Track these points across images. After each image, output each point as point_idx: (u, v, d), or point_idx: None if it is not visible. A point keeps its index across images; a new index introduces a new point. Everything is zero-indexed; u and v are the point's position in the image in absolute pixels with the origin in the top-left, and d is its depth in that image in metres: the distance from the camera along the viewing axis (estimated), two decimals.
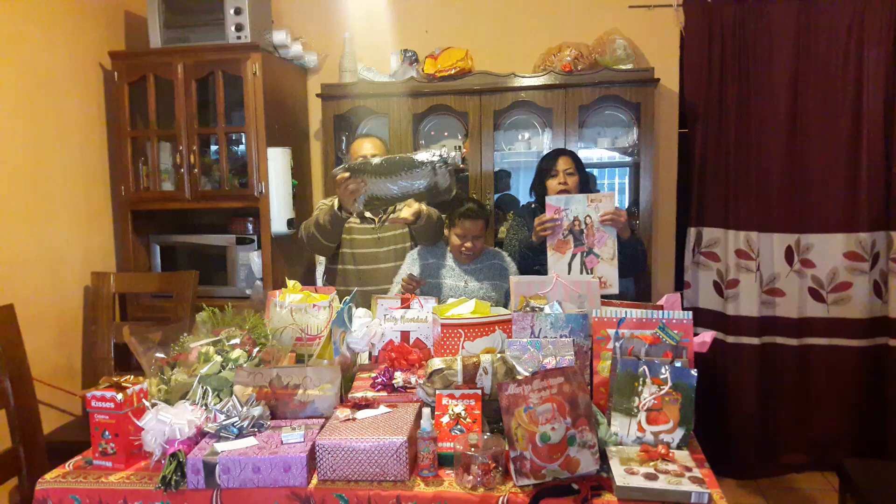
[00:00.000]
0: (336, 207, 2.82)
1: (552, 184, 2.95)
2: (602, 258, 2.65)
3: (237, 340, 2.00)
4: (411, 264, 2.93)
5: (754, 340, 3.55)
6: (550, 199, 2.71)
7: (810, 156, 3.46)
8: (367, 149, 3.03)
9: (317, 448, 1.63)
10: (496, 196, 3.77)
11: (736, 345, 3.58)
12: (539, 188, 3.04)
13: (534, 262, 2.84)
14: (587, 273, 2.65)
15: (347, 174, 2.56)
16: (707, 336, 1.92)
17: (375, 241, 3.02)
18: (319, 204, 3.10)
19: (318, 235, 2.92)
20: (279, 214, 3.52)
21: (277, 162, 3.50)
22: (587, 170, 3.85)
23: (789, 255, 3.53)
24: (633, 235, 2.85)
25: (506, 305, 2.56)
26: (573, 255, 2.68)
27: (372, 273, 3.01)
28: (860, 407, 3.52)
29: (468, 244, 2.80)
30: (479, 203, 2.91)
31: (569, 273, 2.67)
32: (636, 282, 3.42)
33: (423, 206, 2.85)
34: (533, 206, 3.11)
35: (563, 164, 2.96)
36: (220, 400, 1.82)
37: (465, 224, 2.78)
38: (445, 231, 2.92)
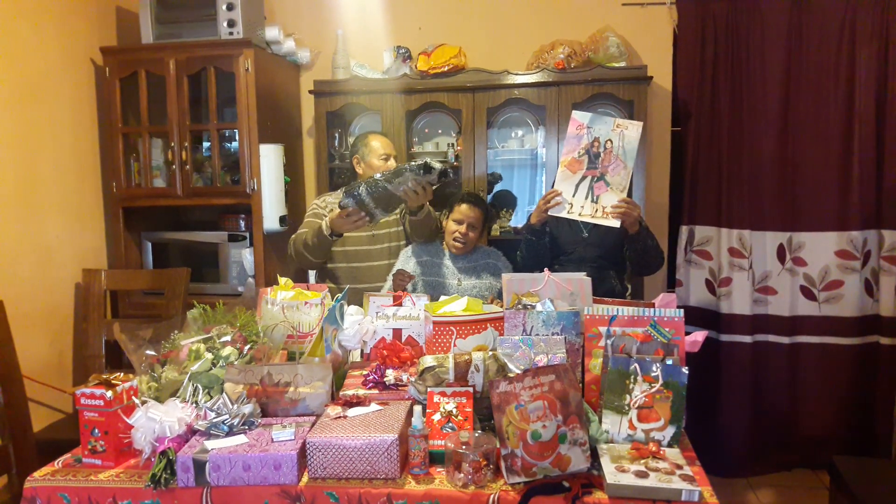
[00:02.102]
0: (326, 230, 2.77)
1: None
2: (611, 187, 2.52)
3: (228, 338, 1.99)
4: (405, 261, 2.93)
5: (746, 339, 3.56)
6: (576, 114, 2.58)
7: (802, 154, 3.47)
8: (387, 146, 3.06)
9: (307, 446, 1.62)
10: (490, 196, 3.77)
11: (728, 343, 3.59)
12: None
13: (539, 241, 2.76)
14: (592, 200, 2.52)
15: (348, 210, 2.59)
16: (699, 336, 1.93)
17: (369, 239, 3.01)
18: (312, 206, 3.09)
19: (307, 254, 2.90)
20: (271, 211, 3.51)
21: (270, 159, 3.49)
22: None
23: (781, 253, 3.55)
24: (644, 230, 2.72)
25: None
26: (583, 178, 2.56)
27: (365, 270, 3.00)
28: (851, 405, 3.54)
29: (462, 229, 2.79)
30: (479, 196, 2.93)
31: (573, 195, 2.54)
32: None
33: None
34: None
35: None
36: (211, 397, 1.82)
37: (463, 208, 2.79)
38: (443, 221, 2.92)
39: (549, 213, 2.63)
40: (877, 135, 3.37)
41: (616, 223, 2.48)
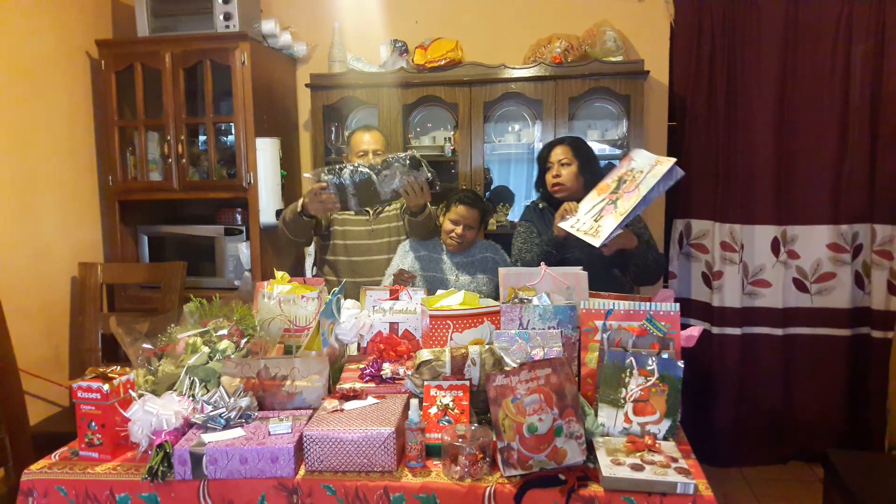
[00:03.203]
0: (299, 210, 2.74)
1: (547, 178, 2.84)
2: (616, 210, 2.49)
3: (225, 331, 1.99)
4: (403, 256, 2.93)
5: (737, 331, 3.60)
6: (634, 151, 2.57)
7: (797, 148, 3.49)
8: (367, 142, 3.00)
9: (304, 439, 1.63)
10: (487, 192, 3.77)
11: (722, 335, 3.61)
12: (540, 182, 2.93)
13: (560, 256, 2.69)
14: (594, 218, 2.51)
15: (324, 184, 2.51)
16: (695, 331, 1.93)
17: (369, 234, 3.01)
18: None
19: (286, 230, 2.88)
20: (267, 205, 3.50)
21: (266, 152, 3.49)
22: None
23: (775, 246, 3.57)
24: (643, 246, 2.66)
25: (497, 299, 2.56)
26: (602, 199, 2.56)
27: (364, 265, 3.01)
28: (843, 396, 3.57)
29: (459, 230, 2.80)
30: (477, 194, 2.92)
31: (586, 213, 2.56)
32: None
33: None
34: (540, 206, 2.95)
35: (556, 154, 2.82)
36: (208, 391, 1.82)
37: (460, 209, 2.78)
38: (441, 218, 2.92)
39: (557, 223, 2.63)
40: (871, 131, 3.39)
41: (597, 243, 2.45)
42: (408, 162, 2.49)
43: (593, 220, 2.51)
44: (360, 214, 3.03)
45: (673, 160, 2.44)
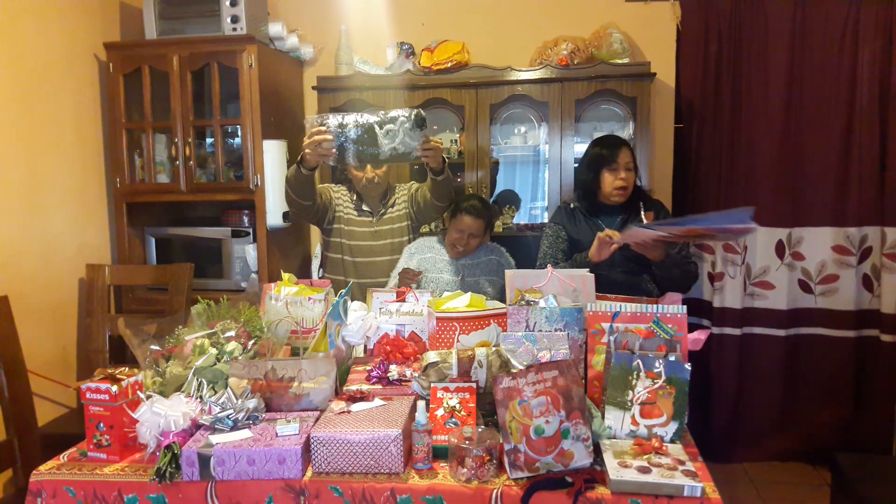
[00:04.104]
0: (298, 163, 2.67)
1: (609, 178, 2.62)
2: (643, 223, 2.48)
3: (232, 333, 2.00)
4: (408, 258, 2.93)
5: (737, 331, 3.62)
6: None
7: (804, 151, 3.48)
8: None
9: (311, 440, 1.63)
10: (493, 194, 3.78)
11: (726, 335, 3.62)
12: (590, 180, 2.68)
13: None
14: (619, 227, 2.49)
15: (324, 129, 2.41)
16: (702, 334, 1.92)
17: (372, 235, 3.02)
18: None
19: (289, 190, 2.82)
20: (274, 207, 3.51)
21: (273, 154, 3.50)
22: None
23: (780, 248, 3.57)
24: (670, 259, 2.52)
25: (502, 301, 2.56)
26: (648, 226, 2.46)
27: (368, 266, 3.01)
28: (848, 397, 3.57)
29: (463, 239, 2.80)
30: (483, 201, 2.90)
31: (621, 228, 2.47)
32: None
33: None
34: (572, 206, 2.79)
35: (625, 156, 2.62)
36: (215, 392, 1.82)
37: (466, 220, 2.78)
38: (445, 222, 2.92)
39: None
40: (880, 132, 3.38)
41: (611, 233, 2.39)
42: (413, 117, 2.40)
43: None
44: (363, 215, 3.02)
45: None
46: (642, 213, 2.60)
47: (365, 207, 3.03)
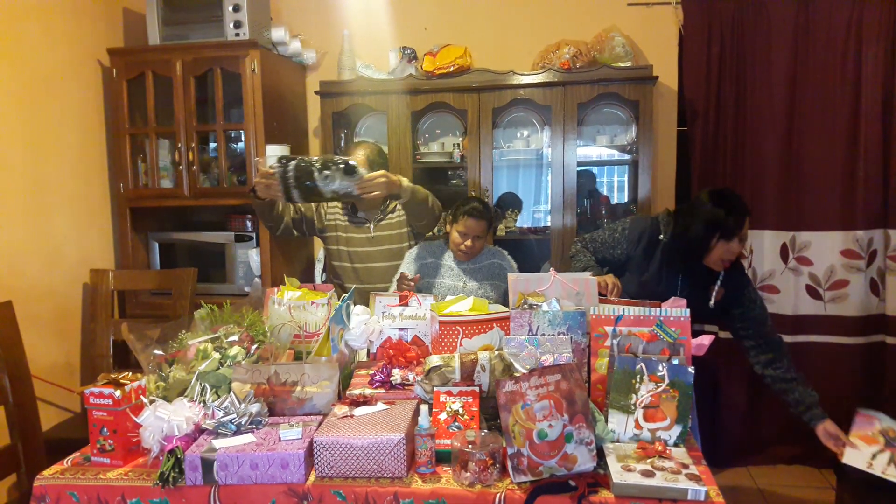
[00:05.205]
0: (251, 189, 2.72)
1: (721, 250, 2.32)
2: None
3: (235, 337, 2.00)
4: (409, 263, 2.93)
5: None
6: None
7: (808, 153, 3.46)
8: (359, 156, 2.96)
9: (315, 445, 1.63)
10: (496, 198, 3.78)
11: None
12: (699, 239, 2.33)
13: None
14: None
15: (271, 171, 2.51)
16: (705, 339, 1.92)
17: (369, 241, 3.02)
18: None
19: (256, 210, 2.90)
20: None
21: (276, 159, 3.49)
22: (587, 168, 3.87)
23: (784, 252, 3.55)
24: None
25: (505, 305, 2.55)
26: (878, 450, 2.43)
27: (367, 271, 3.01)
28: (855, 403, 3.53)
29: (468, 242, 2.80)
30: (485, 204, 2.90)
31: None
32: None
33: (404, 181, 2.66)
34: (661, 238, 2.49)
35: (745, 228, 2.32)
36: (219, 397, 1.83)
37: (468, 222, 2.77)
38: (447, 227, 2.92)
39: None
40: (883, 134, 3.36)
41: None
42: (342, 167, 2.46)
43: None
44: (359, 223, 3.02)
45: None
46: (717, 285, 2.42)
47: (360, 214, 3.03)
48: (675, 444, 1.73)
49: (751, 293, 2.46)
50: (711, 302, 2.41)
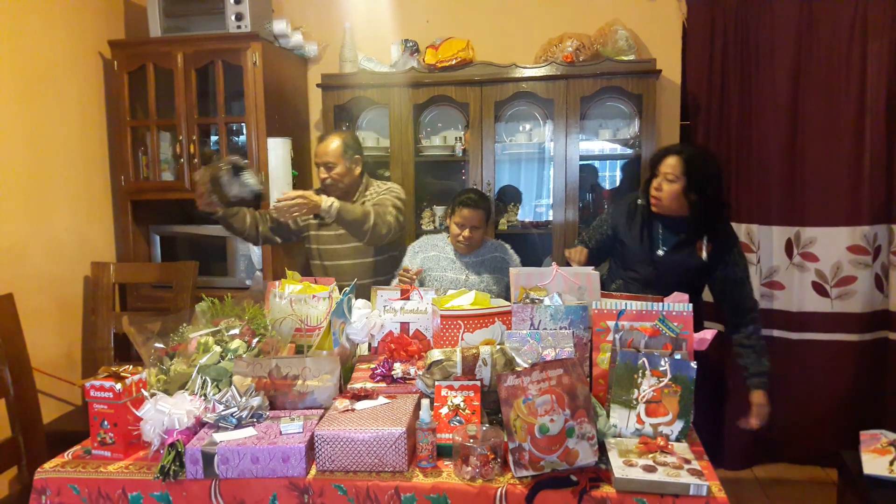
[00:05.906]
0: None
1: (651, 186, 2.51)
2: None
3: (236, 331, 1.99)
4: (412, 257, 2.92)
5: None
6: None
7: (812, 148, 3.44)
8: (319, 155, 2.92)
9: (316, 438, 1.63)
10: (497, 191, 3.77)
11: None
12: (645, 188, 2.57)
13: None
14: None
15: (205, 181, 2.58)
16: (707, 334, 1.91)
17: (336, 238, 3.00)
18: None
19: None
20: None
21: (277, 152, 3.49)
22: (589, 162, 3.85)
23: (789, 248, 3.53)
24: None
25: (507, 299, 2.55)
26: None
27: (335, 268, 3.01)
28: (858, 400, 3.52)
29: (466, 233, 2.79)
30: (480, 193, 2.90)
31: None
32: None
33: (327, 202, 2.61)
34: (639, 201, 2.61)
35: (666, 165, 2.45)
36: (219, 390, 1.82)
37: (464, 212, 2.77)
38: (447, 220, 2.92)
39: None
40: (887, 129, 3.34)
41: None
42: (229, 167, 2.51)
43: None
44: (324, 221, 2.94)
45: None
46: (704, 243, 2.47)
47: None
48: (678, 440, 1.72)
49: (736, 256, 2.53)
50: (704, 255, 2.48)
